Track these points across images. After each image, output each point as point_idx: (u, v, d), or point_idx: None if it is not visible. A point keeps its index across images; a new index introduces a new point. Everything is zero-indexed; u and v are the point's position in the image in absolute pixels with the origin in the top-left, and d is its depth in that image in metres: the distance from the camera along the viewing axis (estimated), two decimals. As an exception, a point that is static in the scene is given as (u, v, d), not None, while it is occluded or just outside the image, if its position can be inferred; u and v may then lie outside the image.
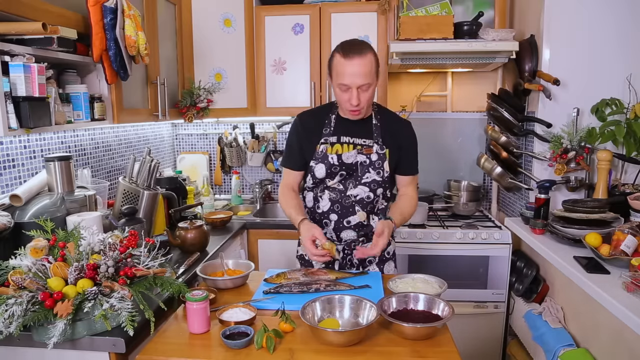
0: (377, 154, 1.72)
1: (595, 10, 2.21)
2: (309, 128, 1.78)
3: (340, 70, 1.59)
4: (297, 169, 1.81)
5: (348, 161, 1.72)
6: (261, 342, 1.18)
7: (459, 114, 3.05)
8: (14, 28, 1.40)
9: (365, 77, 1.57)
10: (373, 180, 1.73)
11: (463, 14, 2.74)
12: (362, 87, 1.59)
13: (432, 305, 1.34)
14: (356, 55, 1.56)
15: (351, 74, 1.57)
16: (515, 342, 2.42)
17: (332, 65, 1.64)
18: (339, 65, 1.59)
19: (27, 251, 1.34)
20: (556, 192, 2.33)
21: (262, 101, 2.84)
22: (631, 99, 2.16)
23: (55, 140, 2.00)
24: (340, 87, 1.62)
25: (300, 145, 1.78)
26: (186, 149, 3.30)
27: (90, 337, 1.25)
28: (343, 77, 1.58)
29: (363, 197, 1.73)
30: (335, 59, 1.62)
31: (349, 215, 1.74)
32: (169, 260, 1.53)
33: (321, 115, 1.79)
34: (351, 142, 1.73)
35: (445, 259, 2.47)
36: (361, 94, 1.60)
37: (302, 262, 1.90)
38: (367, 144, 1.73)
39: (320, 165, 1.73)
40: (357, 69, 1.56)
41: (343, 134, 1.74)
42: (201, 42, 2.71)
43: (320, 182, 1.76)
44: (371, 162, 1.72)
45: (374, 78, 1.62)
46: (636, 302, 1.39)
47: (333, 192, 1.75)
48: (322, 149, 1.73)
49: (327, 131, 1.75)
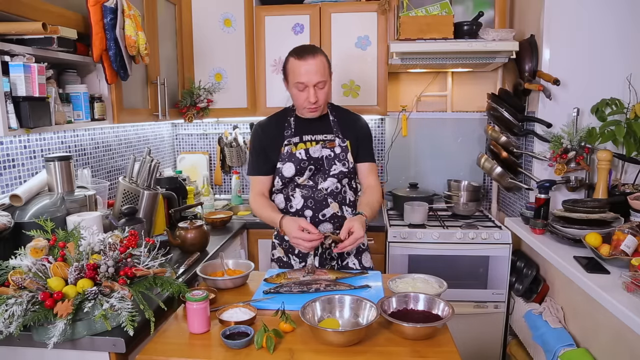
0: (339, 146, 1.81)
1: (595, 10, 2.21)
2: (270, 132, 1.84)
3: (296, 71, 1.70)
4: (265, 174, 1.85)
5: (315, 155, 1.79)
6: (261, 342, 1.18)
7: (459, 114, 3.05)
8: (14, 28, 1.40)
9: (320, 75, 1.69)
10: (340, 172, 1.81)
11: (463, 14, 2.74)
12: (319, 85, 1.70)
13: (432, 305, 1.34)
14: (309, 56, 1.69)
15: (307, 73, 1.68)
16: (515, 342, 2.42)
17: (287, 69, 1.74)
18: (294, 67, 1.70)
19: (27, 251, 1.34)
20: (556, 192, 2.33)
21: (262, 101, 2.84)
22: (631, 99, 2.16)
23: (55, 140, 2.00)
24: (297, 87, 1.71)
25: (264, 150, 1.83)
26: (186, 149, 3.30)
27: (90, 337, 1.25)
28: (300, 76, 1.69)
29: (333, 188, 1.80)
30: (289, 62, 1.73)
31: (323, 209, 1.80)
32: (169, 260, 1.53)
33: (279, 120, 1.86)
34: (313, 139, 1.81)
35: (445, 259, 2.47)
36: (318, 92, 1.71)
37: (280, 265, 1.91)
38: (329, 139, 1.82)
39: (288, 164, 1.78)
40: (312, 68, 1.68)
41: (304, 133, 1.82)
42: (201, 42, 2.71)
43: (290, 181, 1.81)
44: (335, 154, 1.81)
45: (328, 77, 1.74)
46: (636, 302, 1.39)
47: (304, 189, 1.80)
48: (287, 150, 1.79)
49: (289, 133, 1.82)
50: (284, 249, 1.90)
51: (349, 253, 1.86)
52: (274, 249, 1.95)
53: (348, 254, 1.87)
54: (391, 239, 2.48)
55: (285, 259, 1.90)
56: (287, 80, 1.76)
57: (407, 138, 3.07)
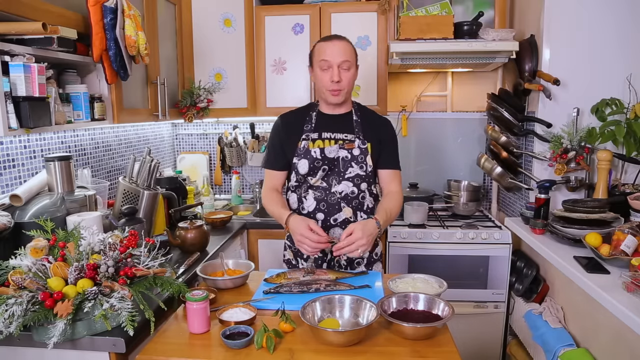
0: (359, 148, 1.74)
1: (595, 10, 2.20)
2: (290, 125, 1.80)
3: (321, 50, 1.69)
4: (279, 169, 1.82)
5: (330, 155, 1.73)
6: (261, 342, 1.18)
7: (459, 114, 3.05)
8: (14, 28, 1.40)
9: (346, 55, 1.67)
10: (356, 175, 1.74)
11: (463, 14, 2.75)
12: (343, 65, 1.67)
13: (432, 305, 1.34)
14: (335, 38, 1.70)
15: (332, 52, 1.67)
16: (515, 342, 2.42)
17: (313, 52, 1.74)
18: (320, 48, 1.70)
19: (27, 251, 1.34)
20: (556, 192, 2.33)
21: (262, 101, 2.84)
22: (631, 99, 2.16)
23: (55, 140, 2.00)
24: (321, 66, 1.68)
25: (281, 144, 1.79)
26: (186, 149, 3.30)
27: (90, 337, 1.25)
28: (324, 54, 1.67)
29: (347, 192, 1.74)
30: (315, 47, 1.73)
31: (335, 213, 1.75)
32: (169, 260, 1.53)
33: (302, 113, 1.82)
34: (332, 137, 1.76)
35: (445, 259, 2.47)
36: (342, 73, 1.67)
37: (289, 267, 1.88)
38: (349, 139, 1.75)
39: (304, 160, 1.73)
40: (337, 48, 1.67)
41: (324, 130, 1.77)
42: (201, 42, 2.71)
43: (304, 181, 1.76)
44: (353, 156, 1.74)
45: (354, 61, 1.71)
46: (636, 302, 1.39)
47: (317, 191, 1.75)
48: (304, 145, 1.74)
49: (309, 127, 1.77)
50: (293, 252, 1.86)
51: (359, 262, 1.80)
52: (285, 250, 1.91)
53: (358, 263, 1.80)
54: (391, 239, 2.48)
55: (294, 262, 1.86)
56: (312, 65, 1.74)
57: (407, 138, 3.07)
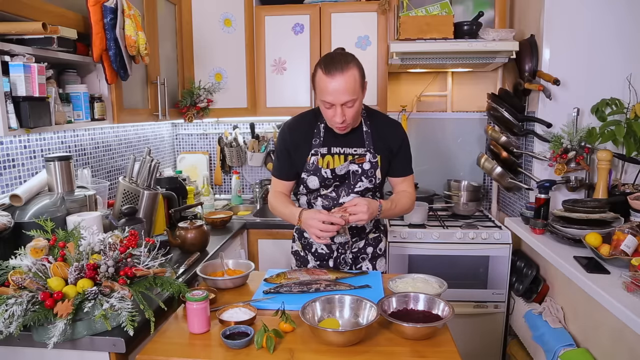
0: (369, 162, 1.70)
1: (595, 10, 2.20)
2: (298, 137, 1.73)
3: (322, 87, 1.53)
4: (286, 179, 1.79)
5: (341, 173, 1.70)
6: (261, 342, 1.18)
7: (459, 114, 3.05)
8: (14, 28, 1.40)
9: (349, 94, 1.51)
10: (365, 189, 1.72)
11: (463, 14, 2.74)
12: (347, 104, 1.54)
13: (432, 305, 1.34)
14: (338, 72, 1.50)
15: (334, 91, 1.51)
16: (515, 342, 2.42)
17: (315, 81, 1.58)
18: (321, 82, 1.53)
19: (27, 251, 1.34)
20: (556, 192, 2.33)
21: (262, 101, 2.84)
22: (631, 99, 2.16)
23: (55, 140, 2.00)
24: (324, 104, 1.57)
25: (289, 156, 1.75)
26: (186, 148, 3.30)
27: (90, 337, 1.25)
28: (326, 94, 1.53)
29: None
30: (317, 74, 1.56)
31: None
32: (169, 260, 1.54)
33: (309, 124, 1.74)
34: (342, 152, 1.70)
35: (445, 259, 2.47)
36: (346, 110, 1.55)
37: (297, 258, 1.90)
38: (359, 153, 1.70)
39: (313, 177, 1.71)
40: (340, 86, 1.50)
41: (333, 145, 1.71)
42: (201, 42, 2.71)
43: (315, 190, 1.76)
44: (364, 170, 1.70)
45: (359, 93, 1.55)
46: (636, 302, 1.39)
47: (326, 200, 1.75)
48: (313, 161, 1.70)
49: (317, 142, 1.71)
50: (302, 244, 1.88)
51: (363, 257, 1.83)
52: (293, 242, 1.93)
53: (362, 259, 1.83)
54: (391, 239, 2.48)
55: (302, 253, 1.88)
56: (315, 92, 1.61)
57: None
